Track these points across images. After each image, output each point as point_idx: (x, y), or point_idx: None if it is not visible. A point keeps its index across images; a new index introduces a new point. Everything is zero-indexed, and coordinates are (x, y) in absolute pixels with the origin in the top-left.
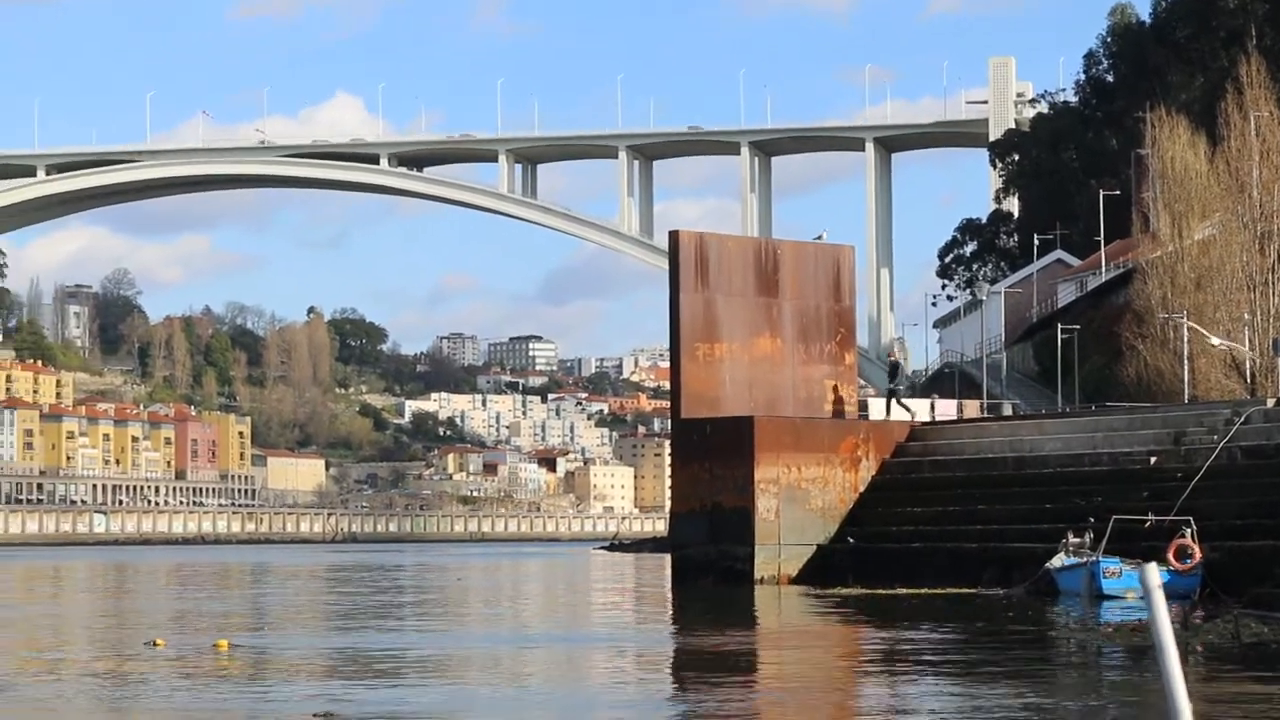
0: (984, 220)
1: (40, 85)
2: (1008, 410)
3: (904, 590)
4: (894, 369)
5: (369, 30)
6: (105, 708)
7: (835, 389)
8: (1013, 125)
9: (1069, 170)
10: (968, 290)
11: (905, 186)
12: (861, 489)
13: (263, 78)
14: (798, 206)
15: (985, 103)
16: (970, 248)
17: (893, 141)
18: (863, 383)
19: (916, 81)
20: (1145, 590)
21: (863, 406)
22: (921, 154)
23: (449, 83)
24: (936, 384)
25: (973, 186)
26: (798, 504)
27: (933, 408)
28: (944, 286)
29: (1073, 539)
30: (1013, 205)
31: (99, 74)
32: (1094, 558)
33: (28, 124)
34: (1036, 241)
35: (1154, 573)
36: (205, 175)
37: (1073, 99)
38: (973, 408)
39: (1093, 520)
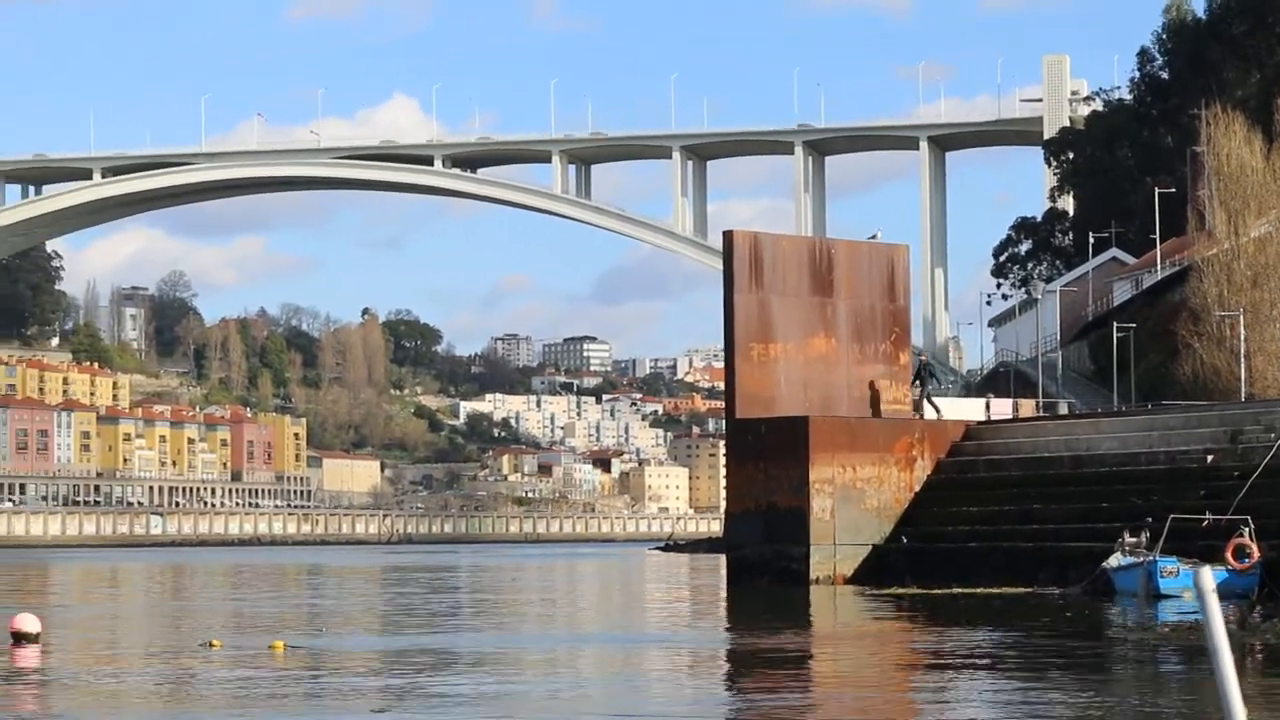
0: (1039, 218)
1: (96, 88)
2: (1063, 409)
3: (960, 590)
4: (925, 371)
5: (425, 30)
6: (162, 708)
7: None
8: (1067, 123)
9: (1124, 168)
10: (1023, 289)
11: (960, 185)
12: (917, 488)
13: (319, 79)
14: (852, 206)
15: (1040, 100)
16: (1025, 246)
17: (947, 140)
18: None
19: (971, 80)
20: (1199, 594)
21: (917, 406)
22: (976, 152)
23: (503, 83)
24: (991, 383)
25: (1027, 185)
26: (853, 504)
27: (988, 407)
28: (999, 285)
29: (1129, 539)
30: (1067, 203)
31: (154, 76)
32: (1151, 557)
33: (83, 127)
34: (1091, 239)
35: (1208, 576)
36: (259, 177)
37: (1127, 96)
38: (1028, 407)
39: (1150, 520)
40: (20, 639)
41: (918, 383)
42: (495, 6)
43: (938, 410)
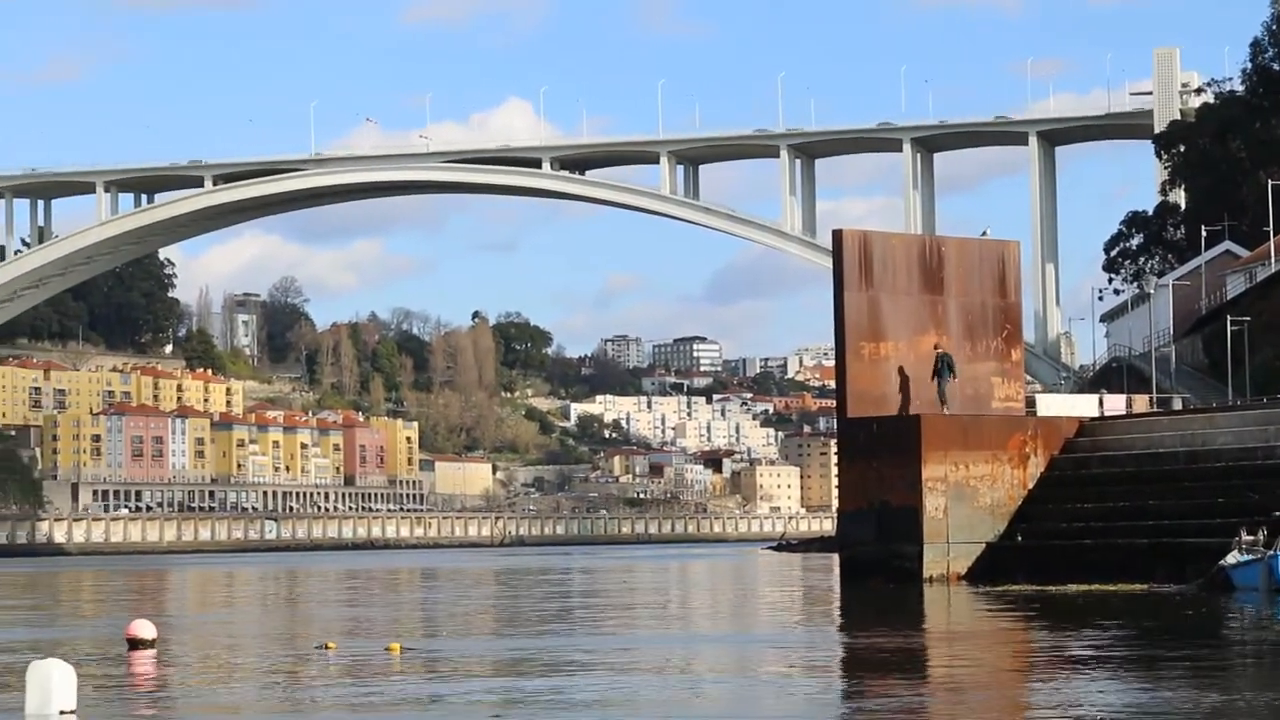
0: (1150, 213)
1: (208, 96)
2: (1178, 404)
3: (1075, 588)
4: (943, 363)
5: (539, 34)
6: (282, 709)
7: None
8: (1178, 116)
9: (1236, 160)
10: (1135, 283)
11: (1070, 180)
12: (1030, 485)
13: (432, 83)
14: (962, 202)
15: (1150, 94)
16: (1136, 241)
17: (1056, 135)
18: (1030, 378)
19: (1081, 74)
20: None
21: (1030, 403)
22: (1086, 147)
23: (614, 86)
24: (1104, 379)
25: (1138, 179)
26: (966, 502)
27: (1101, 403)
28: (1110, 280)
29: (1246, 535)
30: (1179, 197)
31: (267, 82)
32: (1271, 553)
33: (196, 136)
34: (1204, 233)
35: None
36: (368, 182)
37: (1239, 88)
38: (1142, 402)
39: (1277, 515)
40: (137, 645)
41: (935, 376)
42: (609, 11)
43: (944, 403)
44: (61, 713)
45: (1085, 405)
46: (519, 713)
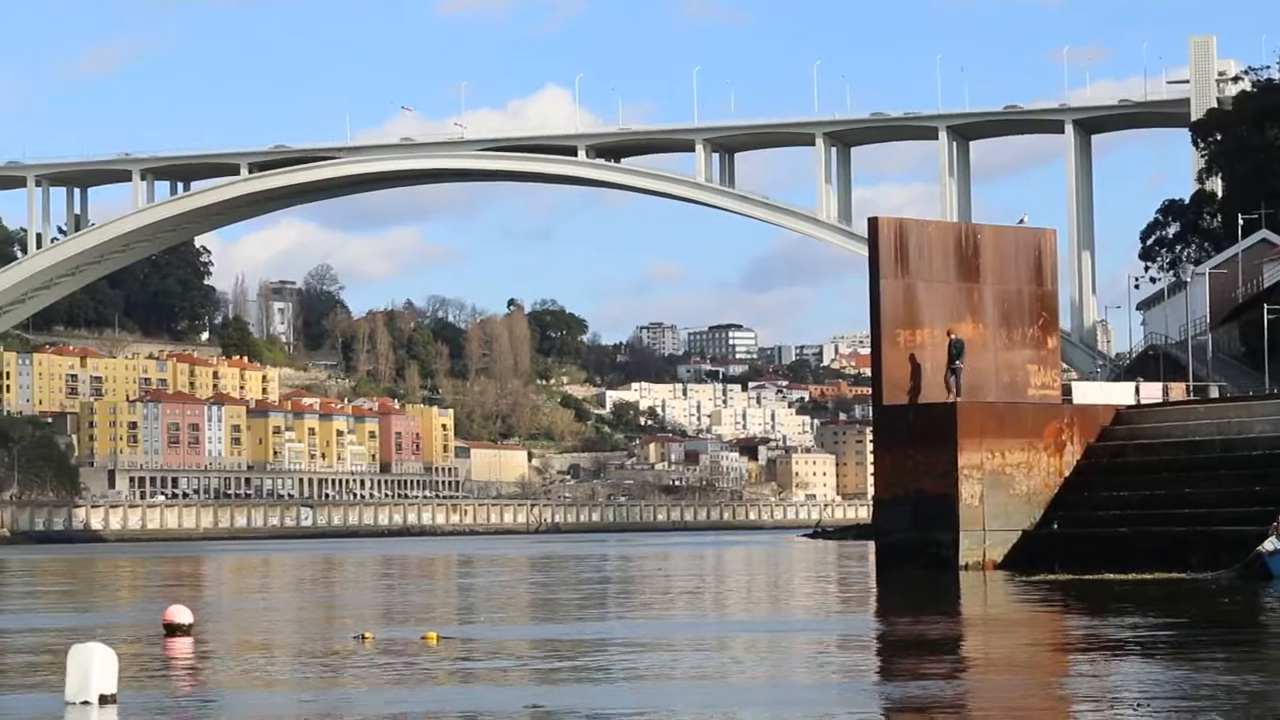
0: (1187, 201)
1: (245, 83)
2: (1214, 392)
3: (1111, 576)
4: (955, 349)
5: (576, 21)
6: (320, 700)
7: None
8: (1214, 104)
9: (1273, 148)
10: (1171, 272)
11: (1107, 168)
12: (1066, 473)
13: (470, 71)
14: (998, 190)
15: (1186, 82)
16: (1173, 229)
17: (1092, 123)
18: (1066, 367)
19: (1117, 62)
20: None
21: (1066, 391)
22: (1122, 135)
23: (650, 74)
24: (1141, 367)
25: (1175, 167)
26: (1002, 489)
27: (1137, 391)
28: (1147, 268)
29: None
30: (1216, 185)
31: (305, 71)
32: None
33: (232, 124)
34: (1241, 221)
35: None
36: (403, 170)
37: (1276, 76)
38: (1178, 390)
39: None
40: (174, 630)
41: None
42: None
43: (950, 390)
44: (102, 696)
45: (1121, 393)
46: (554, 698)
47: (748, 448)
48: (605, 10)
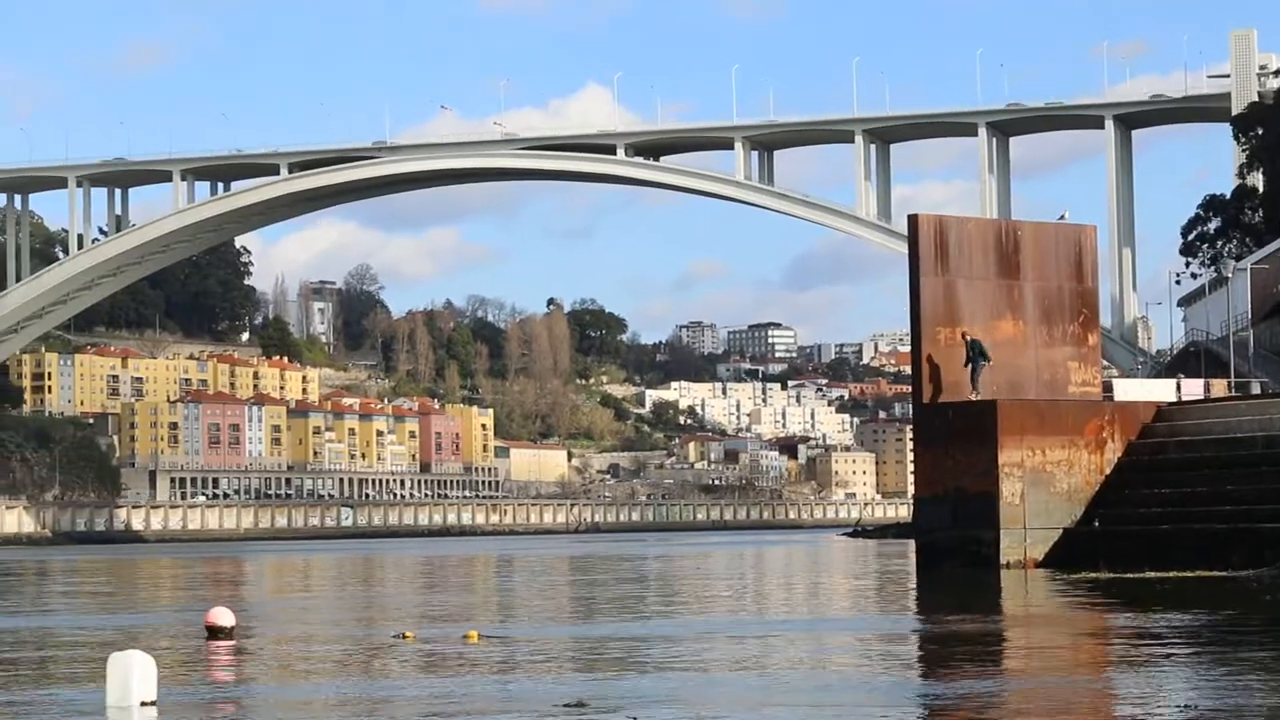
0: (1228, 196)
1: (285, 82)
2: (1256, 389)
3: (1152, 574)
4: (974, 350)
5: (617, 19)
6: (361, 697)
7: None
8: (1255, 98)
9: None
10: (1212, 267)
11: (1148, 163)
12: (1107, 471)
13: (511, 69)
14: (1039, 187)
15: (1227, 76)
16: (1214, 224)
17: (1133, 118)
18: (1106, 364)
19: (1158, 57)
20: None
21: (1107, 388)
22: (1164, 130)
23: (691, 71)
24: (1182, 363)
25: (1216, 162)
26: (1042, 487)
27: (1178, 387)
28: (1188, 264)
29: None
30: (1257, 180)
31: (345, 70)
32: None
33: (274, 123)
34: None
35: None
36: (442, 170)
37: None
38: (1220, 387)
39: None
40: (216, 633)
41: (968, 363)
42: None
43: (975, 389)
44: (143, 704)
45: (1163, 390)
46: (595, 696)
47: (787, 446)
48: (646, 7)
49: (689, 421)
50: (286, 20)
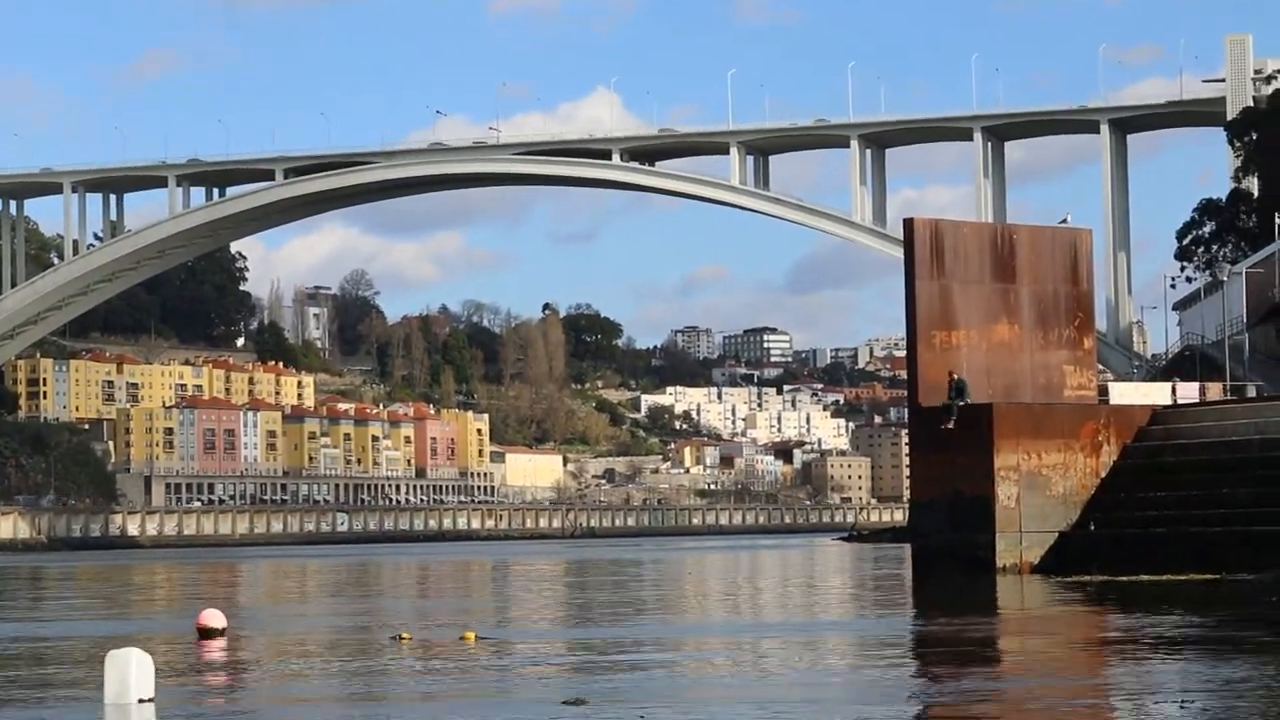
0: (1223, 200)
1: (287, 88)
2: (1251, 392)
3: (1148, 577)
4: (959, 388)
5: (624, 25)
6: (360, 698)
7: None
8: (1250, 103)
9: None
10: (1207, 271)
11: (1145, 168)
12: (1103, 474)
13: (519, 74)
14: (1034, 191)
15: (1222, 81)
16: (1209, 228)
17: (1128, 123)
18: (1102, 367)
19: (1153, 62)
20: None
21: (1103, 391)
22: (1161, 134)
23: (691, 77)
24: (1177, 367)
25: (1211, 166)
26: (1038, 491)
27: (1174, 391)
28: (1183, 268)
29: None
30: (1252, 184)
31: (351, 75)
32: None
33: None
34: (1277, 220)
35: None
36: (437, 175)
37: None
38: (1215, 390)
39: None
40: (207, 634)
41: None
42: (696, 2)
43: (943, 423)
44: (140, 700)
45: (1158, 394)
46: (591, 697)
47: (783, 451)
48: (654, 13)
49: (684, 426)
50: (288, 21)
